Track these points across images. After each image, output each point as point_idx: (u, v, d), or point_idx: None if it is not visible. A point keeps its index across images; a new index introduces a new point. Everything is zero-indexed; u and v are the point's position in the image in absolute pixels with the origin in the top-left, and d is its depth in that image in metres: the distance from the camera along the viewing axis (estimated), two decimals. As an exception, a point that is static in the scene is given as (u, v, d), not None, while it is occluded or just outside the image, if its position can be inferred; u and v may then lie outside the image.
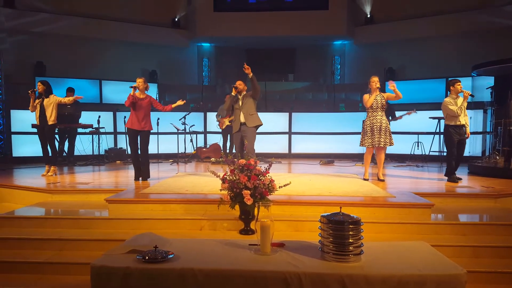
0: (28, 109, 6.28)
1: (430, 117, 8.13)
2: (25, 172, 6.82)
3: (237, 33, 12.44)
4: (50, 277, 3.44)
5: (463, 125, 5.61)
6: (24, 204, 4.99)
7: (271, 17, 12.33)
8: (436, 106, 9.62)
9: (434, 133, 8.09)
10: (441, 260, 2.33)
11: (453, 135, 5.61)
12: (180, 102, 5.89)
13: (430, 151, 8.17)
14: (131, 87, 5.51)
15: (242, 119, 5.57)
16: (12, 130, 8.38)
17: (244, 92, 5.69)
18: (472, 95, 5.53)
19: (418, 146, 8.41)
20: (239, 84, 5.64)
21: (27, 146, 8.28)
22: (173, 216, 4.14)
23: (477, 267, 3.30)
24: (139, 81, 5.64)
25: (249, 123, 5.55)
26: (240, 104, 5.63)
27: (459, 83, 5.56)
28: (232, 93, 5.65)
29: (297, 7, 12.45)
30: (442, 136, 8.00)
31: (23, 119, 8.01)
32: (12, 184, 5.58)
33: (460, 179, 5.67)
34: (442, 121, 7.92)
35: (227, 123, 8.36)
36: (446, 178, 5.76)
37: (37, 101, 6.13)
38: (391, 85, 5.36)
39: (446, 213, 4.41)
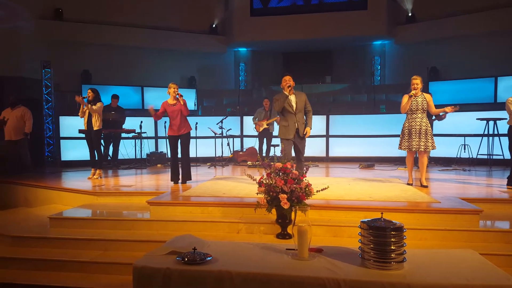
0: (77, 115, 6.62)
1: (477, 119, 7.72)
2: (73, 175, 7.17)
3: (274, 37, 12.46)
4: (94, 276, 3.59)
5: None
6: (72, 205, 5.24)
7: (308, 19, 12.24)
8: (484, 106, 9.15)
9: (482, 135, 7.67)
10: (491, 269, 2.19)
11: None
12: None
13: (478, 154, 7.75)
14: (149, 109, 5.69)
15: (298, 126, 5.10)
16: (61, 135, 8.84)
17: (293, 92, 5.17)
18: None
19: (464, 149, 8.00)
20: (290, 79, 5.10)
21: (74, 150, 8.71)
22: (211, 219, 4.19)
23: (532, 278, 3.07)
24: (173, 86, 5.73)
25: (304, 132, 5.17)
26: (294, 109, 5.10)
27: None
28: (285, 89, 5.07)
29: (335, 8, 12.28)
30: (490, 138, 7.59)
31: (70, 125, 8.45)
32: (60, 186, 5.89)
33: None
34: (491, 123, 7.55)
35: (264, 126, 8.36)
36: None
37: (86, 107, 6.44)
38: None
39: (496, 219, 4.16)
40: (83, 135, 6.71)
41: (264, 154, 8.55)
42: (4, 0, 9.33)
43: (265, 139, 8.62)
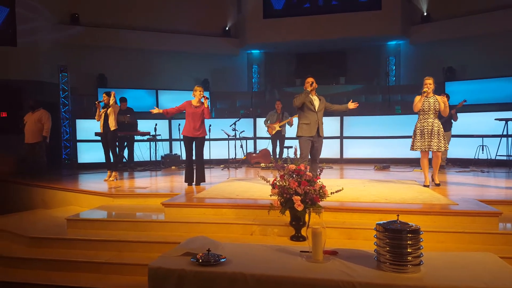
0: (93, 119, 6.74)
1: (496, 119, 7.55)
2: (89, 177, 7.27)
3: (287, 38, 12.42)
4: (110, 276, 3.63)
5: None
6: (88, 207, 5.33)
7: (321, 20, 12.17)
8: (503, 106, 8.93)
9: (501, 136, 7.50)
10: (511, 273, 2.13)
11: None
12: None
13: (496, 155, 7.58)
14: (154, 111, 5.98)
15: (319, 124, 5.12)
16: (78, 138, 9.00)
17: (315, 93, 5.25)
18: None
19: (483, 150, 7.83)
20: (313, 81, 5.13)
21: (90, 153, 8.85)
22: (224, 221, 4.20)
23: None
24: (199, 89, 5.81)
25: (323, 132, 5.21)
26: (316, 108, 5.13)
27: None
28: (307, 88, 5.13)
29: (348, 9, 12.18)
30: (510, 139, 7.41)
31: (87, 127, 8.60)
32: (77, 188, 5.99)
33: None
34: (510, 123, 7.37)
35: (277, 128, 8.36)
36: None
37: (102, 110, 6.55)
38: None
39: (517, 222, 4.05)
40: (99, 138, 6.82)
41: (277, 156, 8.53)
42: (22, 6, 9.55)
43: (278, 141, 8.60)
